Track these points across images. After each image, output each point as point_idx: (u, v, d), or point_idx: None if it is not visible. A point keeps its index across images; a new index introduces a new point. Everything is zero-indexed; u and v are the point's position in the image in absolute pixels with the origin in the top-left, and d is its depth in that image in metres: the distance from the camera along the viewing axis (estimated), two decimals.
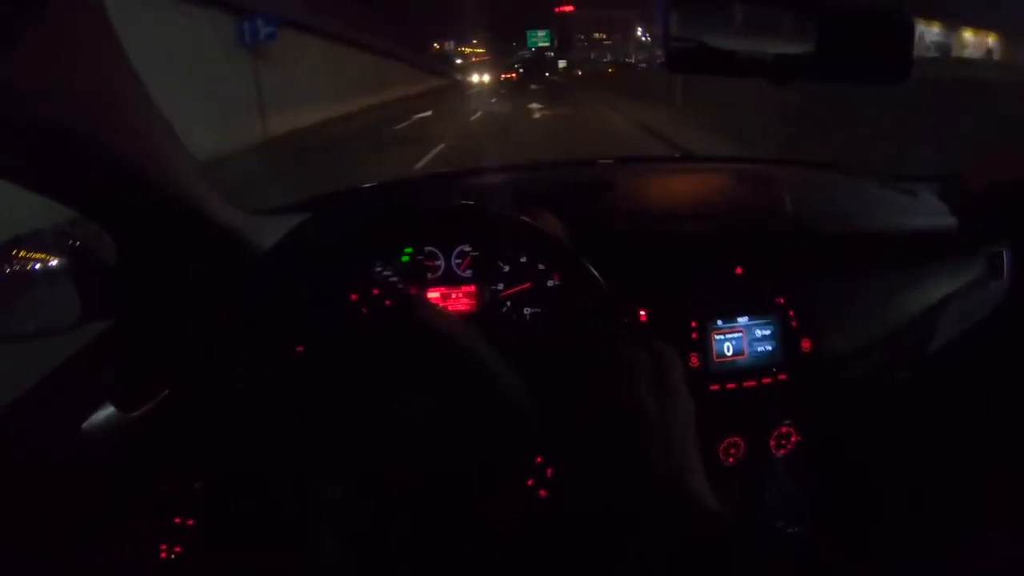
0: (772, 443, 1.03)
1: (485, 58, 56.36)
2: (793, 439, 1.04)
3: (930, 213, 1.18)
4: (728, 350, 0.97)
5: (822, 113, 8.26)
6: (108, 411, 0.85)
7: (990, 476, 1.07)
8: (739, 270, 0.99)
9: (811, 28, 0.86)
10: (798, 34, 0.87)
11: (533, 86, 35.66)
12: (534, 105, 22.36)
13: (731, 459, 1.00)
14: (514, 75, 35.65)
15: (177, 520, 0.94)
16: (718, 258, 0.99)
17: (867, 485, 1.15)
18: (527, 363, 0.82)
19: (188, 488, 0.94)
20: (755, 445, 1.01)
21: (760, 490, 1.04)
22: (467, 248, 0.93)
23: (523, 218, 0.86)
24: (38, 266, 0.83)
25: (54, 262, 0.82)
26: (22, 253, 0.83)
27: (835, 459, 1.12)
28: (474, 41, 62.18)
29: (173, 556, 0.93)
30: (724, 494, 0.54)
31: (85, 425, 0.82)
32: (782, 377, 0.99)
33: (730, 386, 0.96)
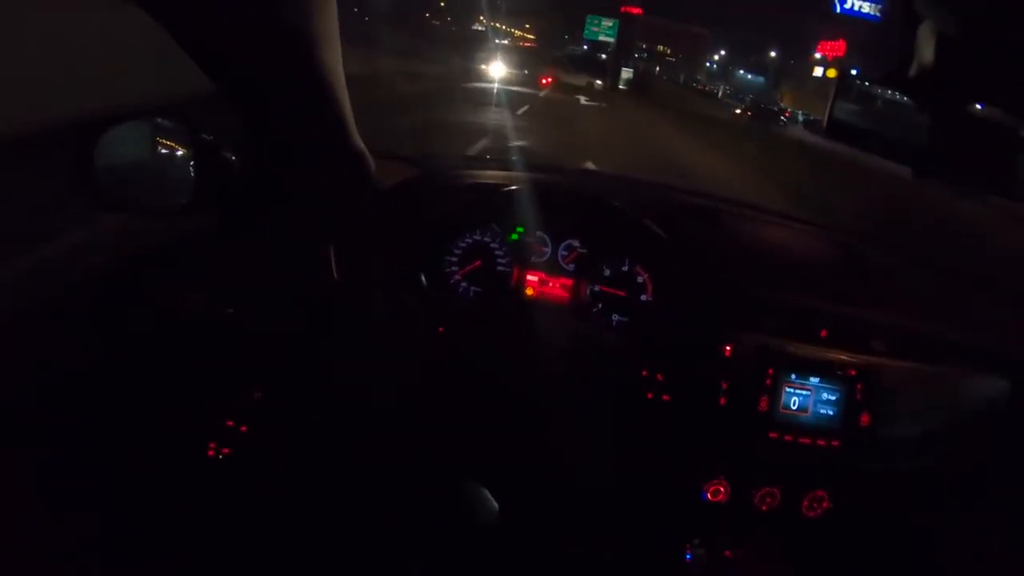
0: (805, 503, 1.05)
1: (532, 45, 45.45)
2: (825, 505, 1.06)
3: (1011, 329, 1.18)
4: (794, 404, 0.98)
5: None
6: (198, 301, 0.87)
7: None
8: (824, 333, 1.00)
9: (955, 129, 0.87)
10: (944, 132, 0.89)
11: (583, 99, 19.06)
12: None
13: (764, 507, 1.02)
14: (551, 80, 22.76)
15: (231, 423, 0.97)
16: (807, 317, 1.00)
17: (875, 569, 1.17)
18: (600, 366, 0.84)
19: (248, 395, 0.97)
20: (789, 500, 1.03)
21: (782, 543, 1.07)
22: (575, 243, 0.95)
23: (647, 223, 0.88)
24: (168, 151, 0.86)
25: (181, 151, 0.85)
26: (159, 138, 0.85)
27: (857, 537, 1.14)
28: (527, 25, 48.44)
29: (221, 456, 0.96)
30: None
31: (175, 308, 0.84)
32: (835, 443, 1.01)
33: (787, 438, 0.98)
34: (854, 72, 0.89)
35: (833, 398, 1.01)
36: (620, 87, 33.45)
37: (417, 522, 0.94)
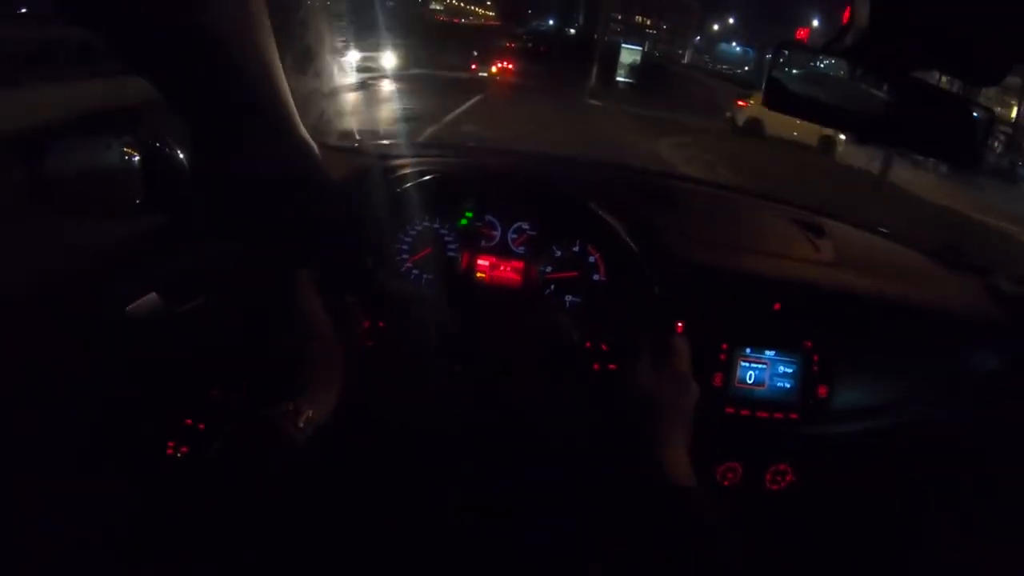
0: (768, 477, 1.05)
1: (494, 23, 34.47)
2: (788, 478, 1.07)
3: (970, 296, 1.20)
4: (750, 378, 0.99)
5: None
6: (152, 300, 0.87)
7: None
8: (777, 306, 1.01)
9: (896, 96, 0.89)
10: (886, 99, 0.90)
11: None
12: None
13: (726, 482, 1.03)
14: (509, 64, 15.91)
15: (188, 421, 0.96)
16: (761, 291, 1.01)
17: (842, 540, 1.18)
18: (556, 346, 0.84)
19: (205, 393, 0.96)
20: (752, 475, 1.04)
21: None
22: (525, 226, 0.95)
23: (593, 206, 0.88)
24: (117, 153, 0.86)
25: (134, 156, 0.85)
26: (108, 141, 0.85)
27: (821, 508, 1.15)
28: (488, 2, 39.12)
29: (179, 455, 0.95)
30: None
31: (130, 308, 0.84)
32: (793, 416, 1.02)
33: (744, 412, 0.98)
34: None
35: (789, 371, 1.02)
36: (622, 81, 20.05)
37: (381, 512, 0.94)
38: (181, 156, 0.86)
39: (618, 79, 20.23)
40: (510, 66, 15.83)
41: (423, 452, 0.94)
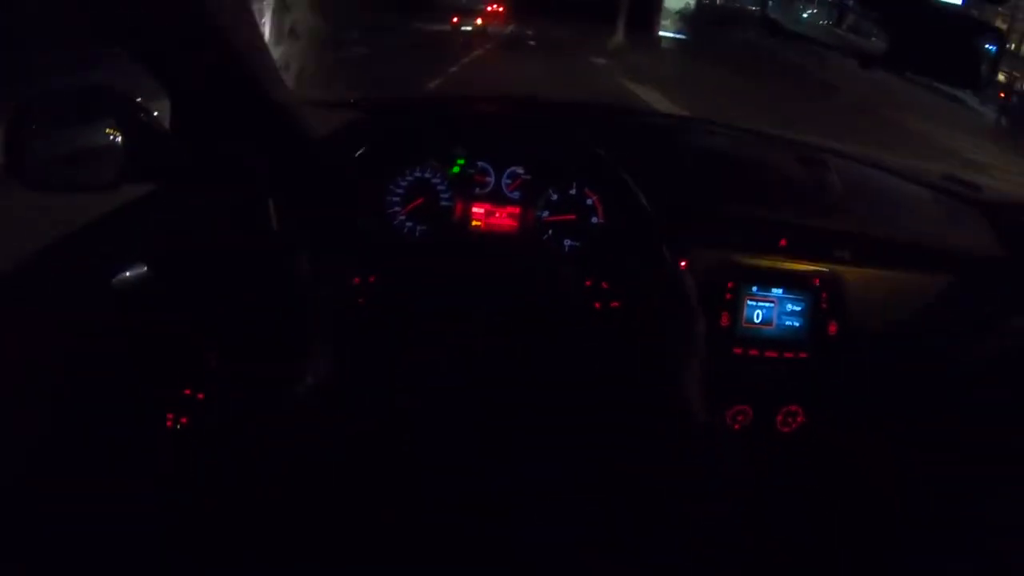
0: (779, 419, 1.04)
1: None
2: (799, 419, 1.05)
3: (971, 229, 1.17)
4: (758, 317, 0.97)
5: None
6: (140, 271, 0.85)
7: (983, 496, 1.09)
8: (783, 242, 0.99)
9: (898, 21, 0.86)
10: (887, 24, 0.87)
11: None
12: None
13: (737, 426, 1.01)
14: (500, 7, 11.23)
15: (187, 392, 0.94)
16: (766, 227, 0.99)
17: (859, 482, 1.17)
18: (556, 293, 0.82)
19: (202, 362, 0.94)
20: (762, 417, 1.02)
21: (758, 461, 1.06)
22: (519, 170, 0.92)
23: (592, 146, 0.85)
24: (92, 124, 0.83)
25: (116, 136, 0.82)
26: (82, 111, 0.82)
27: (834, 449, 1.13)
28: None
29: (179, 427, 0.94)
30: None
31: (115, 281, 0.82)
32: (803, 355, 1.00)
33: (752, 352, 0.96)
34: None
35: (798, 309, 0.99)
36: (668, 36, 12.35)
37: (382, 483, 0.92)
38: (163, 126, 0.83)
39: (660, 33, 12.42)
40: (500, 9, 12.16)
41: (423, 424, 0.92)
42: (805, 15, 0.91)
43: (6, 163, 0.77)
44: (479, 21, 11.83)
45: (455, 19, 11.57)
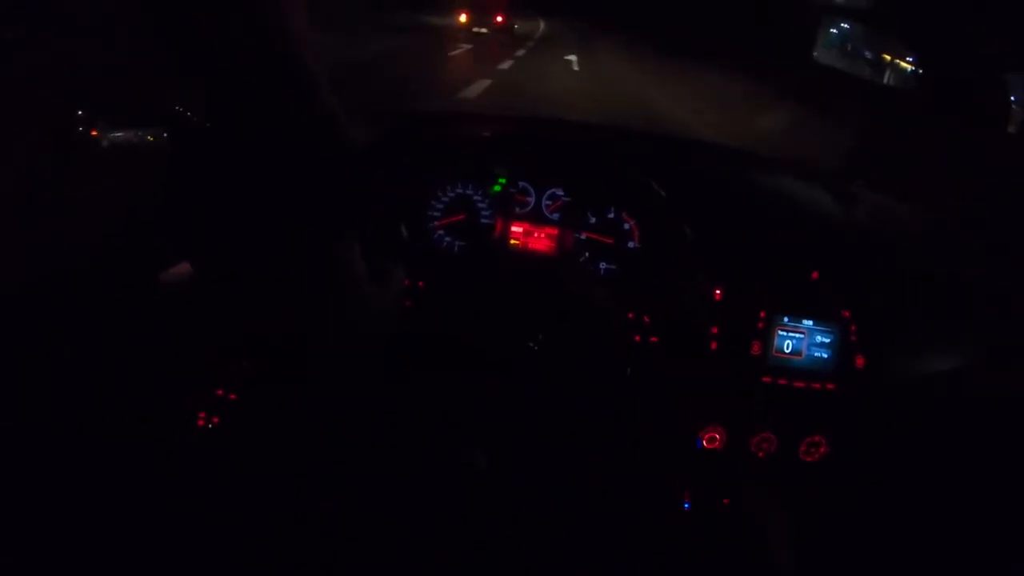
0: (802, 448, 1.04)
1: None
2: (822, 450, 1.05)
3: (986, 261, 1.17)
4: (788, 347, 0.97)
5: None
6: (184, 269, 0.86)
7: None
8: (815, 275, 0.99)
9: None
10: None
11: None
12: None
13: (761, 454, 1.02)
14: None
15: (220, 392, 0.95)
16: (798, 259, 0.99)
17: (877, 518, 1.16)
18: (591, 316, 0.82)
19: (237, 364, 0.95)
20: (786, 446, 1.03)
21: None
22: (559, 192, 0.93)
23: (634, 172, 0.86)
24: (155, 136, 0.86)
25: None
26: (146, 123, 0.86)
27: (854, 481, 1.13)
28: None
29: (211, 426, 0.95)
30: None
31: (162, 275, 0.83)
32: (830, 387, 1.00)
33: (781, 382, 0.97)
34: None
35: (827, 340, 1.00)
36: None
37: (412, 483, 0.93)
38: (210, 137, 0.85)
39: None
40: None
41: (455, 415, 0.93)
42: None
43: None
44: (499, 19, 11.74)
45: (463, 17, 11.61)
